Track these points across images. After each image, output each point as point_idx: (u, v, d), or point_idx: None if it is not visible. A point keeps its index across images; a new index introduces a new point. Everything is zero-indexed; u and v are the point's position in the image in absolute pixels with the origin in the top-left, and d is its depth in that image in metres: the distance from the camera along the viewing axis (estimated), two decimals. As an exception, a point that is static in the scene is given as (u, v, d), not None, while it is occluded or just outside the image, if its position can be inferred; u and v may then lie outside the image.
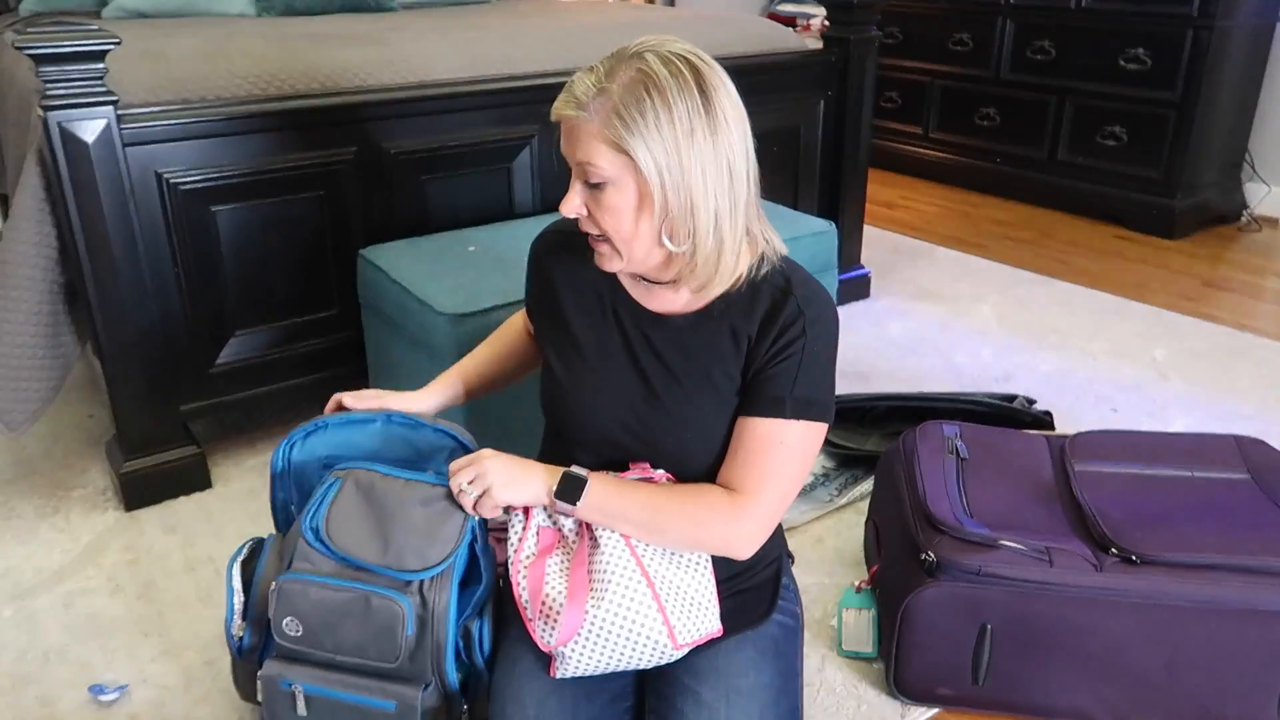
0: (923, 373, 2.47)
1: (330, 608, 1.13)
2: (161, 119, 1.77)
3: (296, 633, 1.14)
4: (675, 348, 1.14)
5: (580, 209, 1.06)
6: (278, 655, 1.18)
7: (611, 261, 1.09)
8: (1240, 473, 1.51)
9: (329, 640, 1.14)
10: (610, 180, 1.02)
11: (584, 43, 2.36)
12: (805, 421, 1.10)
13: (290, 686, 1.16)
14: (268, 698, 1.17)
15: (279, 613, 1.13)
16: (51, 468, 2.06)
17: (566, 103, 1.02)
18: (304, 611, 1.13)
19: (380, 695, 1.15)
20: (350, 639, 1.13)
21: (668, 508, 1.11)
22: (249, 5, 2.84)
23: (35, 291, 1.76)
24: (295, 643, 1.14)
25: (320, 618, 1.13)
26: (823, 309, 1.12)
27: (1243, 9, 3.33)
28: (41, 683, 1.48)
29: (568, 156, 1.05)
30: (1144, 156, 3.51)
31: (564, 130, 1.04)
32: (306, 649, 1.15)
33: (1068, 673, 1.36)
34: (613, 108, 0.99)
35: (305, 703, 1.17)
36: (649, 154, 0.99)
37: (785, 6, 4.96)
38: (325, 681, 1.16)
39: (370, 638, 1.13)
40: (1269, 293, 3.06)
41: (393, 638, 1.12)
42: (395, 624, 1.11)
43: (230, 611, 1.24)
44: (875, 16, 2.64)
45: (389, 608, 1.12)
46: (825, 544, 1.80)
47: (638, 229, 1.04)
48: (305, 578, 1.14)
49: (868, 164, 2.80)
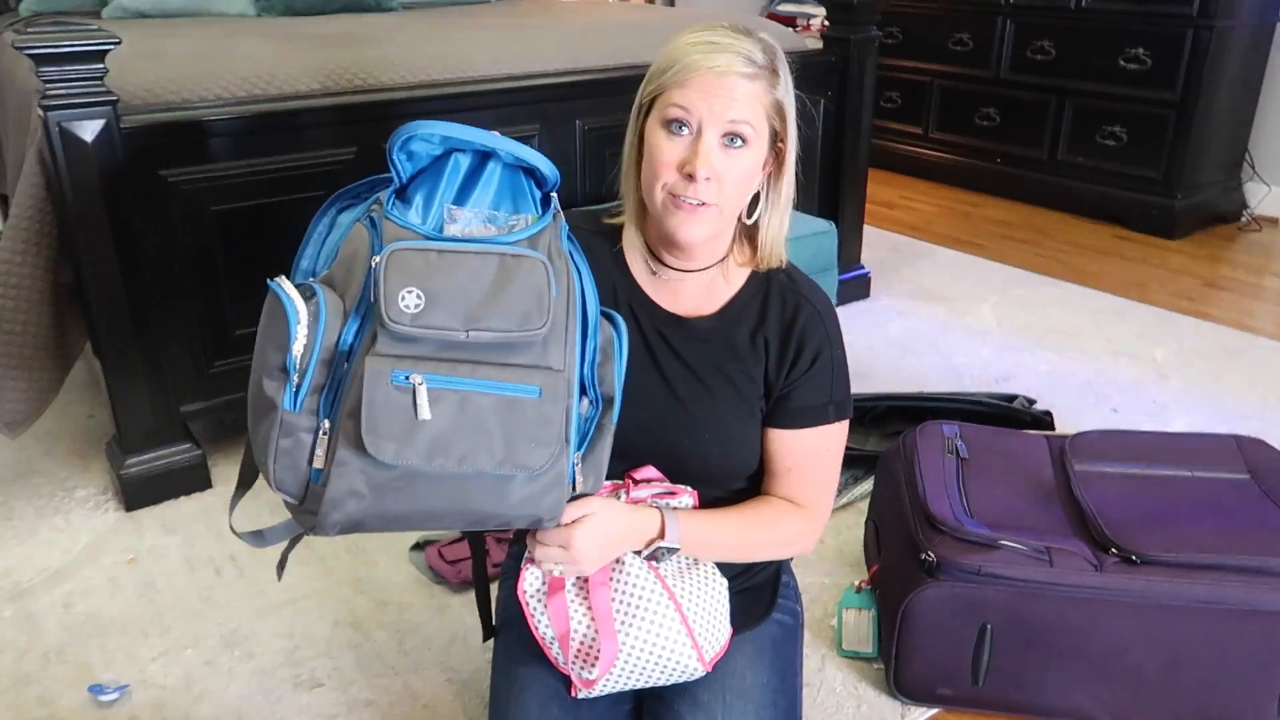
0: (923, 373, 2.47)
1: (464, 270, 0.91)
2: (161, 119, 1.77)
3: (416, 307, 0.89)
4: (694, 348, 1.13)
5: (715, 170, 1.03)
6: (378, 351, 0.89)
7: (706, 227, 1.06)
8: (1240, 473, 1.51)
9: (456, 311, 0.90)
10: (751, 142, 1.04)
11: (584, 43, 2.36)
12: (842, 421, 1.16)
13: (407, 380, 0.89)
14: (371, 405, 0.88)
15: (394, 283, 0.88)
16: (51, 468, 2.06)
17: (735, 62, 1.02)
18: (427, 278, 0.89)
19: (520, 379, 0.93)
20: (487, 308, 0.91)
21: (754, 541, 1.16)
22: (249, 5, 2.84)
23: (35, 291, 1.76)
24: (411, 321, 0.89)
25: (451, 282, 0.90)
26: (830, 307, 1.16)
27: (1243, 9, 3.33)
28: (41, 683, 1.48)
29: (709, 113, 1.02)
30: (1144, 156, 3.51)
31: (717, 87, 1.01)
32: (424, 329, 0.89)
33: (1068, 673, 1.36)
34: (775, 76, 1.05)
35: (428, 401, 0.89)
36: (793, 119, 1.07)
37: (785, 6, 4.96)
38: (452, 369, 0.91)
39: (512, 300, 0.91)
40: (1269, 293, 3.06)
41: (540, 298, 0.92)
42: (539, 280, 0.93)
43: (292, 332, 0.91)
44: (875, 16, 2.64)
45: (530, 264, 0.93)
46: (825, 544, 1.80)
47: (745, 194, 1.08)
48: (423, 244, 0.91)
49: (868, 164, 2.80)
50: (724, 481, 1.15)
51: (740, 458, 1.15)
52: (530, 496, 0.95)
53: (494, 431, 0.91)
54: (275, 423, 0.90)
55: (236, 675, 1.49)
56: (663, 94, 1.04)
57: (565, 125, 2.25)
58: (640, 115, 1.08)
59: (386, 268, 0.89)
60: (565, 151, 2.26)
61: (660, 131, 1.04)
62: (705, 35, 1.03)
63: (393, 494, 0.91)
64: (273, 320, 0.93)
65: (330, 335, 0.91)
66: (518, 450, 0.92)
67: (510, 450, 0.92)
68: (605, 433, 1.03)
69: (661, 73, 1.04)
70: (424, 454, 0.89)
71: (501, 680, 1.18)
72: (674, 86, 1.03)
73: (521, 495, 0.94)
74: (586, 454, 1.02)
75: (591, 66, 2.30)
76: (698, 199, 1.03)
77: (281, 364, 0.91)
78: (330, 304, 0.92)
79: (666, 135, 1.03)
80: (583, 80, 2.26)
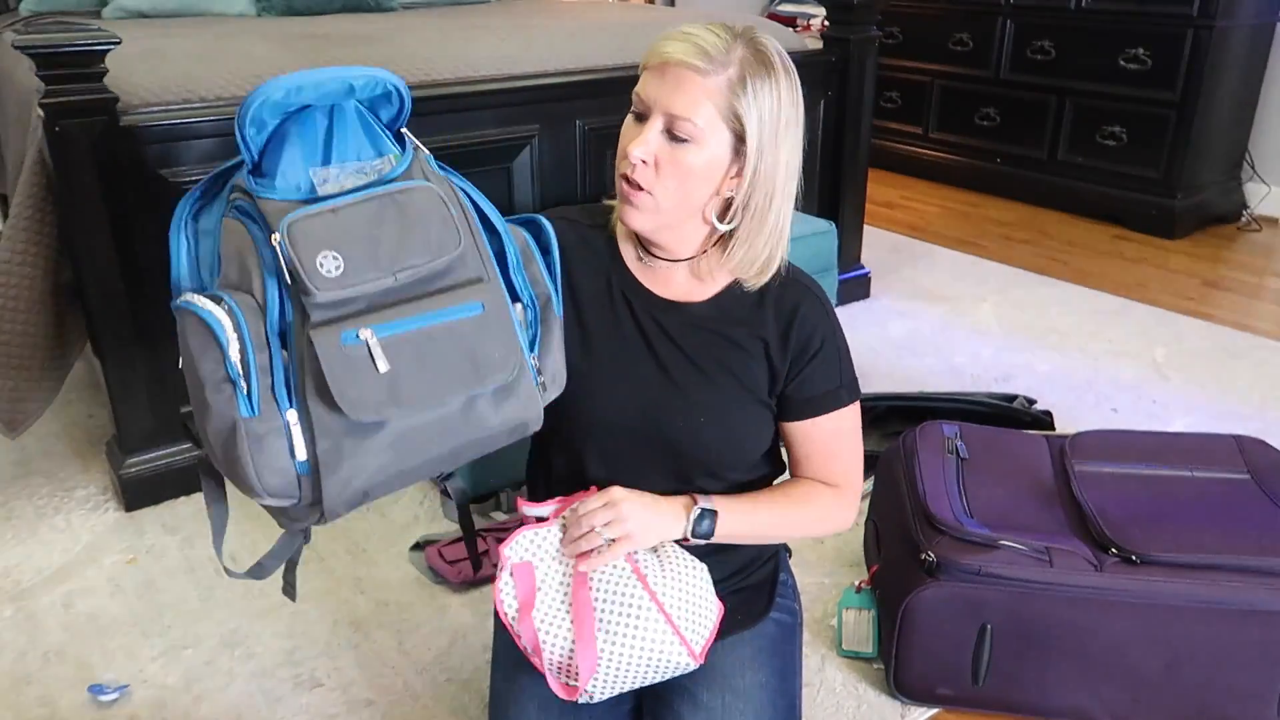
0: (923, 373, 2.47)
1: (364, 219, 0.90)
2: (161, 119, 1.77)
3: (337, 269, 0.88)
4: (690, 334, 1.13)
5: (650, 155, 1.02)
6: (315, 321, 0.89)
7: (640, 217, 1.06)
8: (1240, 472, 1.51)
9: (377, 259, 0.90)
10: (696, 140, 1.01)
11: (584, 43, 2.36)
12: (855, 401, 1.18)
13: (357, 339, 0.88)
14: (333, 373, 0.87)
15: (306, 253, 0.87)
16: (51, 468, 2.06)
17: (688, 52, 1.00)
18: (335, 238, 0.89)
19: (460, 300, 0.94)
20: (401, 246, 0.91)
21: (793, 518, 1.17)
22: (249, 5, 2.85)
23: (35, 292, 1.76)
24: (339, 285, 0.88)
25: (358, 235, 0.89)
26: (825, 293, 1.18)
27: (1243, 9, 3.33)
28: (41, 683, 1.48)
29: (655, 101, 1.01)
30: (1144, 156, 3.51)
31: (666, 76, 1.01)
32: (354, 286, 0.89)
33: (1068, 673, 1.36)
34: (738, 74, 1.01)
35: (383, 351, 0.89)
36: (758, 128, 1.02)
37: (785, 6, 4.96)
38: (396, 313, 0.91)
39: (421, 231, 0.92)
40: (1269, 293, 3.06)
41: (444, 220, 0.93)
42: (436, 205, 0.94)
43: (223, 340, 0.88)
44: (875, 16, 2.64)
45: (422, 192, 0.93)
46: (825, 544, 1.80)
47: (690, 193, 1.05)
48: (314, 208, 0.90)
49: (868, 164, 2.80)
50: (724, 471, 1.15)
51: (740, 444, 1.15)
52: (510, 411, 0.97)
53: (457, 357, 0.92)
54: (241, 435, 0.88)
55: (236, 675, 1.49)
56: (639, 79, 1.06)
57: (565, 125, 2.25)
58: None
59: (292, 241, 0.87)
60: (565, 151, 2.26)
61: (629, 118, 1.06)
62: (685, 25, 1.03)
63: (388, 452, 0.91)
64: (197, 339, 0.89)
65: (256, 329, 0.89)
66: (485, 367, 0.94)
67: (478, 369, 0.93)
68: (553, 329, 1.05)
69: (644, 57, 1.06)
70: (405, 400, 0.89)
71: (501, 681, 1.18)
72: (643, 71, 1.05)
73: (506, 409, 0.97)
74: (541, 355, 1.04)
75: (591, 66, 2.30)
76: (634, 179, 1.03)
77: (224, 375, 0.88)
78: (241, 301, 0.90)
79: (631, 121, 1.05)
80: (583, 80, 2.26)
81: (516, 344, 0.97)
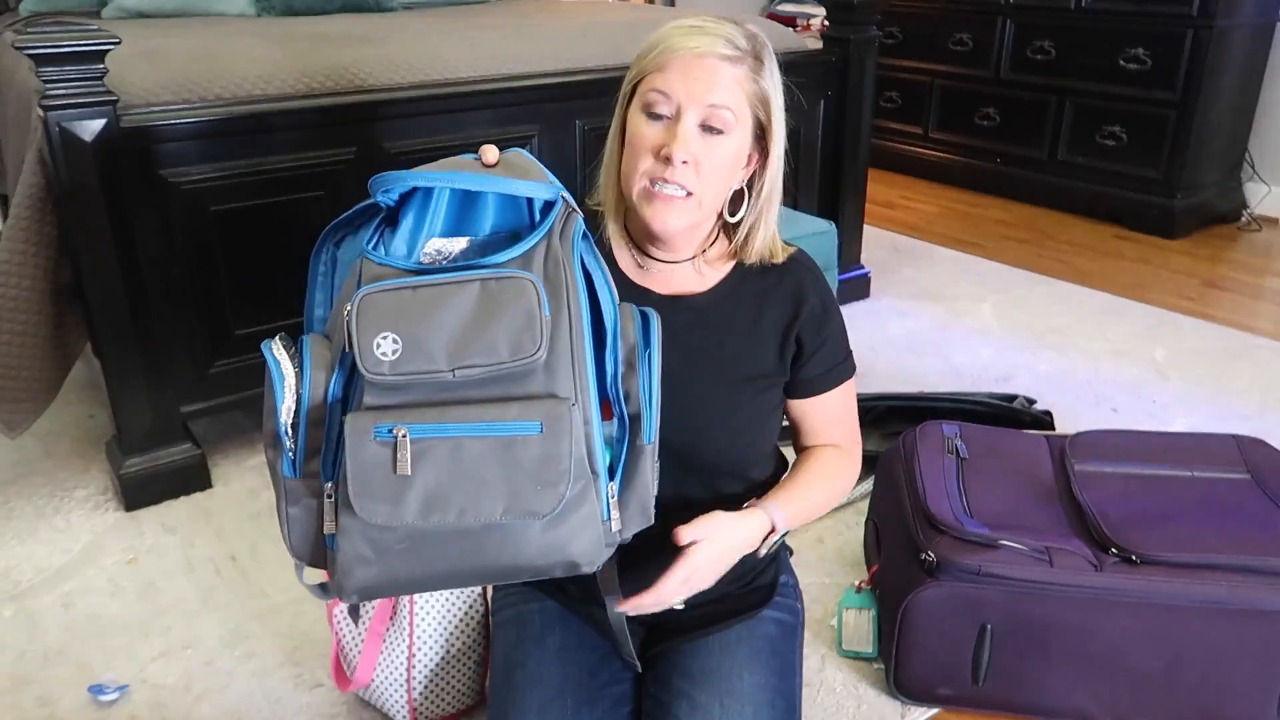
0: (923, 373, 2.47)
1: (441, 303, 0.83)
2: (161, 119, 1.77)
3: (394, 353, 0.82)
4: (692, 329, 1.12)
5: (691, 155, 1.01)
6: (364, 405, 0.84)
7: (682, 217, 1.04)
8: (1240, 472, 1.51)
9: (441, 348, 0.82)
10: (729, 130, 1.02)
11: (584, 43, 2.35)
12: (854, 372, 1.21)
13: (390, 434, 0.82)
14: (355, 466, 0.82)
15: (366, 332, 0.82)
16: (51, 468, 2.06)
17: (715, 43, 1.00)
18: (401, 320, 0.82)
19: (519, 416, 0.84)
20: (470, 341, 0.83)
21: (832, 493, 1.20)
22: (249, 5, 2.84)
23: (35, 292, 1.76)
24: (392, 369, 0.82)
25: (427, 319, 0.82)
26: (821, 273, 1.19)
27: (1243, 9, 3.33)
28: (41, 683, 1.48)
29: (688, 96, 1.00)
30: (1144, 156, 3.51)
31: (695, 70, 1.00)
32: (408, 374, 0.82)
33: (1068, 673, 1.36)
34: (754, 60, 1.03)
35: (411, 454, 0.82)
36: (780, 113, 1.05)
37: (785, 6, 4.96)
38: (440, 415, 0.83)
39: (499, 329, 0.83)
40: (1269, 293, 3.06)
41: (530, 321, 0.84)
42: (530, 303, 0.84)
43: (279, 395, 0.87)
44: (875, 16, 2.64)
45: (517, 285, 0.84)
46: (825, 544, 1.80)
47: (724, 187, 1.06)
48: (395, 282, 0.83)
49: (868, 164, 2.80)
50: (742, 471, 1.15)
51: (748, 440, 1.14)
52: (555, 543, 0.87)
53: (493, 478, 0.83)
54: (282, 491, 0.88)
55: (236, 675, 1.49)
56: (644, 79, 1.04)
57: (565, 125, 2.25)
58: (624, 104, 1.08)
59: (358, 315, 0.82)
60: (564, 152, 2.26)
61: (641, 117, 1.03)
62: (688, 21, 1.03)
63: (400, 557, 0.85)
64: (267, 384, 0.88)
65: (317, 392, 0.85)
66: (522, 495, 0.84)
67: (514, 496, 0.84)
68: (641, 456, 0.94)
69: (643, 57, 1.04)
70: (418, 512, 0.83)
71: (501, 681, 1.18)
72: (655, 71, 1.02)
73: (544, 543, 0.87)
74: (623, 484, 0.94)
75: (591, 66, 2.30)
76: (676, 183, 1.01)
77: (275, 431, 0.86)
78: (316, 358, 0.86)
79: (646, 121, 1.03)
80: (582, 80, 2.26)
81: (570, 477, 0.85)
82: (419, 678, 1.32)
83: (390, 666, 1.31)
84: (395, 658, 1.31)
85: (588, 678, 1.15)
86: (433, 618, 1.31)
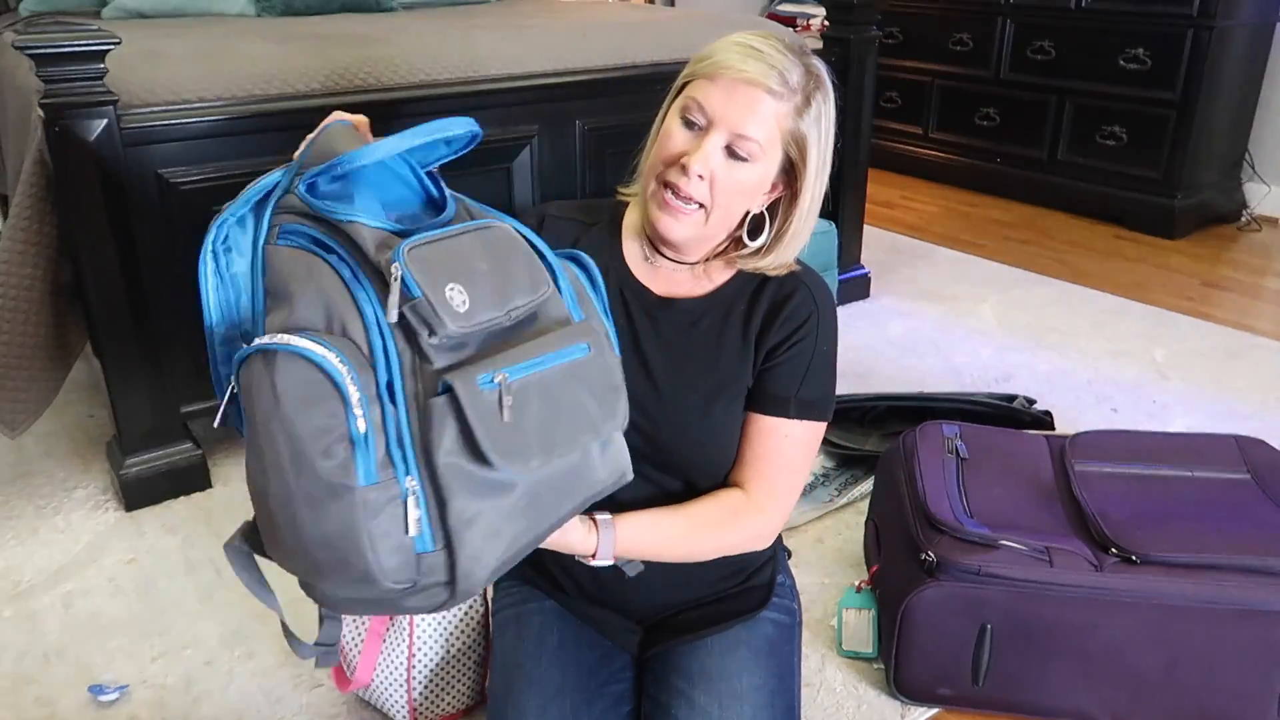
0: (923, 373, 2.47)
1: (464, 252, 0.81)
2: (161, 119, 1.77)
3: (464, 304, 0.78)
4: (682, 332, 1.12)
5: (709, 171, 1.02)
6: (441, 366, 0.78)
7: (687, 229, 1.05)
8: (1240, 472, 1.51)
9: (490, 294, 0.80)
10: (754, 159, 1.02)
11: (583, 43, 2.35)
12: (805, 420, 1.12)
13: (494, 383, 0.78)
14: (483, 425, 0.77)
15: (433, 284, 0.77)
16: (51, 468, 2.06)
17: (765, 74, 0.99)
18: (455, 270, 0.79)
19: (567, 342, 0.85)
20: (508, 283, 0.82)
21: (697, 532, 1.11)
22: (249, 5, 2.84)
23: (35, 292, 1.76)
24: (466, 320, 0.78)
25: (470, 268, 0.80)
26: (831, 304, 1.15)
27: (1243, 9, 3.33)
28: (41, 683, 1.48)
29: (722, 118, 1.00)
30: (1144, 156, 3.51)
31: (737, 95, 1.00)
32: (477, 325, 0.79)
33: (1068, 673, 1.36)
34: (804, 99, 1.03)
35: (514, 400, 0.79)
36: (817, 152, 1.05)
37: (785, 6, 4.96)
38: (516, 356, 0.80)
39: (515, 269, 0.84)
40: (1269, 293, 3.06)
41: (529, 258, 0.86)
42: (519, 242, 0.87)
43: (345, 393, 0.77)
44: (875, 16, 2.64)
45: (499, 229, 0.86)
46: (825, 544, 1.80)
47: (737, 210, 1.06)
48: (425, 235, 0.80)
49: (868, 164, 2.80)
50: (717, 471, 1.14)
51: (724, 446, 1.14)
52: (613, 458, 0.91)
53: (582, 404, 0.84)
54: (356, 509, 0.74)
55: (236, 675, 1.49)
56: (692, 83, 1.04)
57: (565, 125, 2.25)
58: (671, 99, 1.08)
59: (418, 269, 0.76)
60: (565, 152, 2.26)
61: (676, 119, 1.05)
62: (752, 40, 1.03)
63: (522, 516, 0.81)
64: (302, 390, 0.75)
65: (366, 379, 0.76)
66: (600, 415, 0.86)
67: (604, 412, 0.86)
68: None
69: (699, 61, 1.04)
70: (549, 451, 0.80)
71: (500, 681, 1.18)
72: (703, 79, 1.03)
73: (604, 461, 0.89)
74: None
75: (591, 66, 2.30)
76: (687, 194, 1.02)
77: (342, 434, 0.74)
78: (343, 347, 0.77)
79: (679, 125, 1.04)
80: (582, 80, 2.26)
81: (623, 387, 0.89)
82: (419, 677, 1.32)
83: (390, 666, 1.31)
84: (395, 657, 1.31)
85: (587, 677, 1.16)
86: (432, 617, 1.31)
